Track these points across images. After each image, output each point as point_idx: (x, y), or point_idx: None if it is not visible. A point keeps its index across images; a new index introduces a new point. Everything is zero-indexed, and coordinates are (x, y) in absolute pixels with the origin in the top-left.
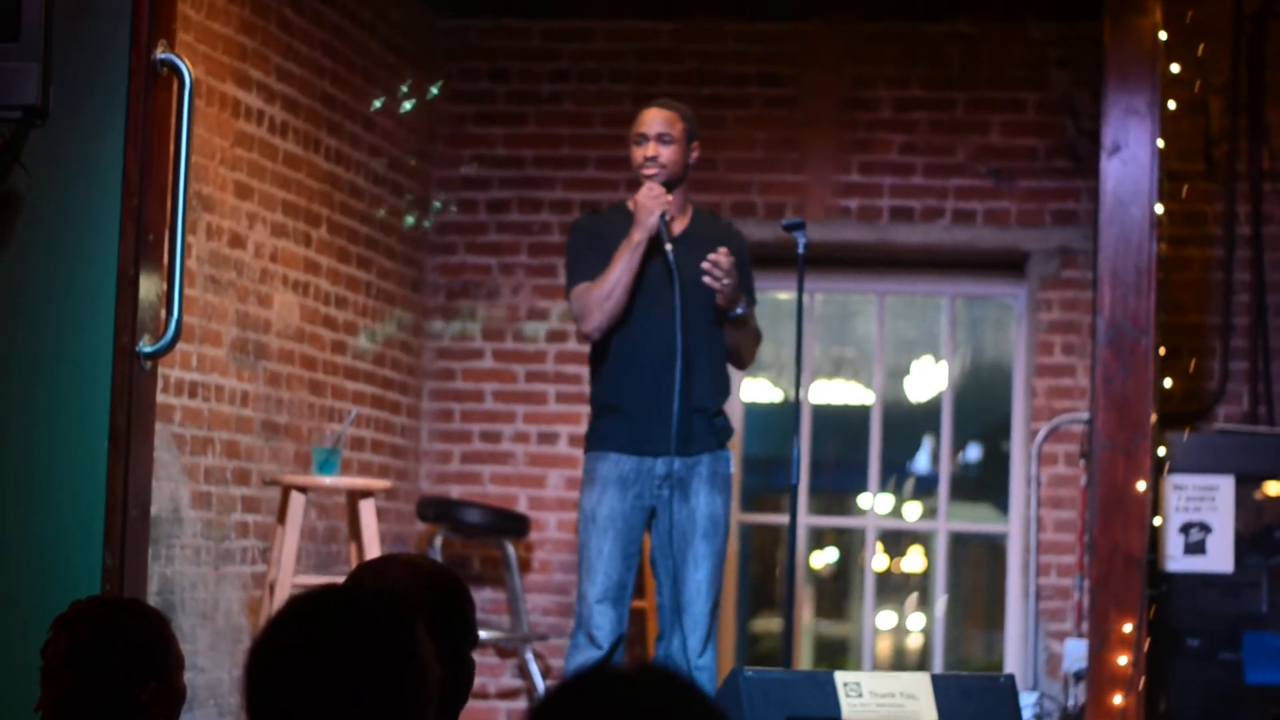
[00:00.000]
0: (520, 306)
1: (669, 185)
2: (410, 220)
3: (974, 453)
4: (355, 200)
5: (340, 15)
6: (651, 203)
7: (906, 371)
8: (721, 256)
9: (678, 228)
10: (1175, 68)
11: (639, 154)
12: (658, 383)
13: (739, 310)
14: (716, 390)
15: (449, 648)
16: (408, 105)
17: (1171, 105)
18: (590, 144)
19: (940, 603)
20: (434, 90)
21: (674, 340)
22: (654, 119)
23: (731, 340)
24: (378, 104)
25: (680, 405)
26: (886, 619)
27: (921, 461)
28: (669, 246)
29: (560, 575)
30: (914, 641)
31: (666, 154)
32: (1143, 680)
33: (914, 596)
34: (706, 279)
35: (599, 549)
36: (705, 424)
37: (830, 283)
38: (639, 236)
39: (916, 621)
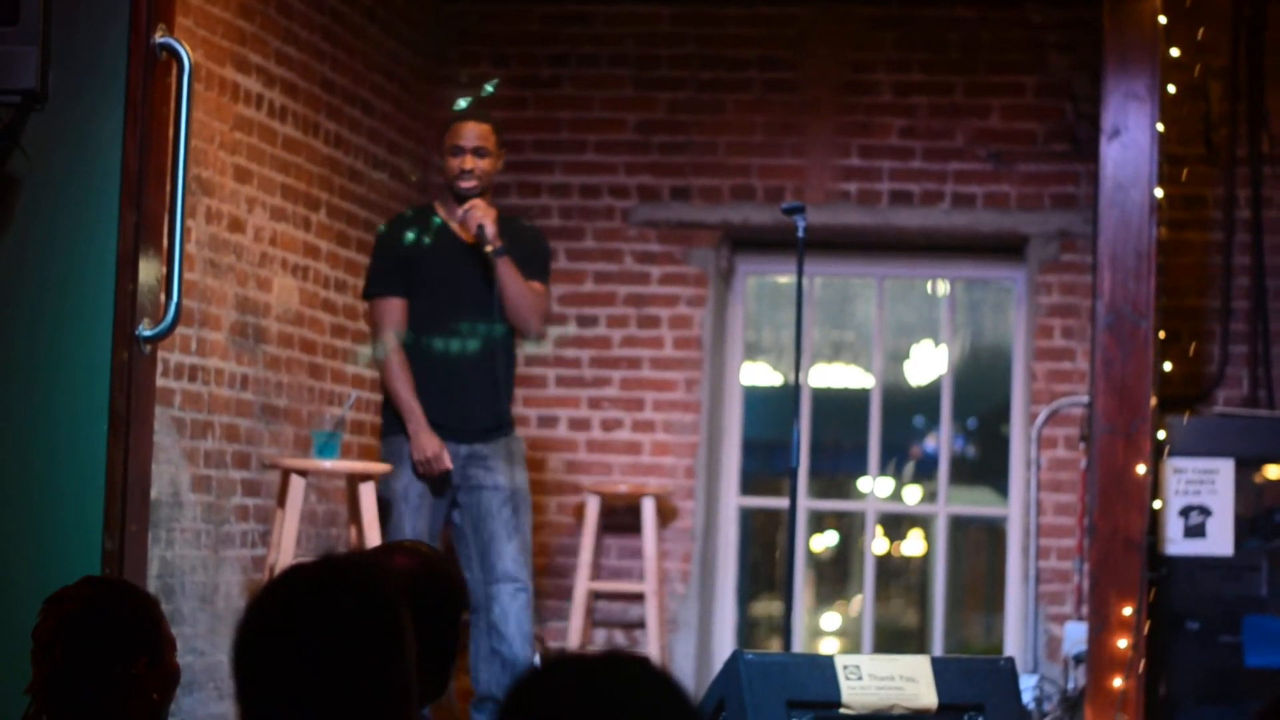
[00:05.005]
0: None
1: (482, 194)
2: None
3: (973, 436)
4: (355, 184)
5: None
6: (476, 218)
7: (906, 355)
8: (477, 204)
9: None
10: (1175, 52)
11: (455, 164)
12: (466, 374)
13: (501, 247)
14: (511, 381)
15: (439, 633)
16: (462, 103)
17: (1171, 89)
18: (589, 128)
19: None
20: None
21: (486, 334)
22: (471, 132)
23: (508, 296)
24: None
25: (491, 394)
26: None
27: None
28: (489, 248)
29: (560, 559)
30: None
31: (482, 166)
32: (1142, 663)
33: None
34: (471, 216)
35: (413, 527)
36: (505, 411)
37: (830, 266)
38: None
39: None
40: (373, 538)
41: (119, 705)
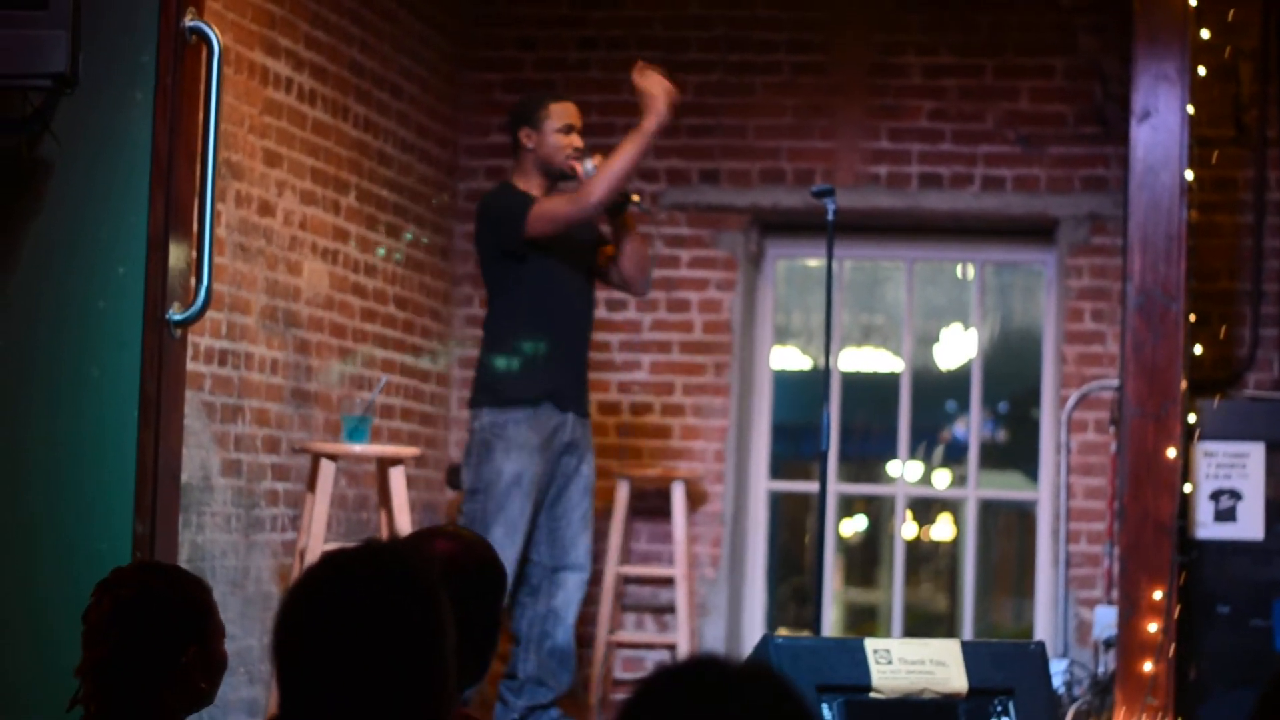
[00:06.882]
0: None
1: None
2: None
3: (1003, 420)
4: (384, 168)
5: None
6: (661, 93)
7: (936, 338)
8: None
9: None
10: (1205, 33)
11: (568, 143)
12: (575, 342)
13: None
14: None
15: (480, 618)
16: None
17: (1201, 71)
18: (618, 111)
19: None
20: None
21: (589, 303)
22: (576, 112)
23: (635, 252)
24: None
25: (586, 375)
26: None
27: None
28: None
29: None
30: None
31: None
32: (1173, 647)
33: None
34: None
35: (522, 510)
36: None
37: (859, 249)
38: (654, 126)
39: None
40: (403, 522)
41: (168, 692)
